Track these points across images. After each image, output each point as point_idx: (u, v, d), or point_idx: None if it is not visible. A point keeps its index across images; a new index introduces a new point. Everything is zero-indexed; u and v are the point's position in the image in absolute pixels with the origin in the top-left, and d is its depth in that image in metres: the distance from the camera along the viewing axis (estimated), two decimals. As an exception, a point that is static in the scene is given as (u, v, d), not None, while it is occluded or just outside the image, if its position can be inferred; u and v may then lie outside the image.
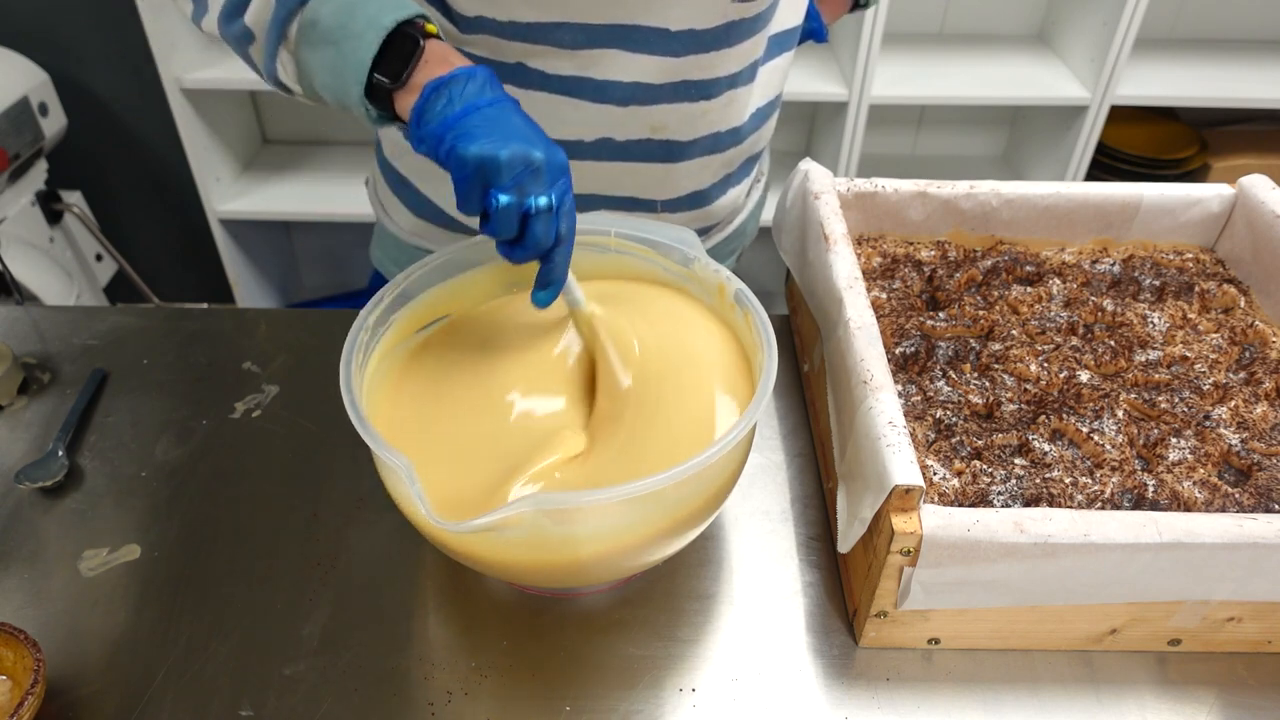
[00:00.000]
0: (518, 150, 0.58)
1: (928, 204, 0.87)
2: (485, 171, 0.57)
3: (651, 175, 0.82)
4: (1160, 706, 0.62)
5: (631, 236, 0.72)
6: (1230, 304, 0.81)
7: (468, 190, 0.59)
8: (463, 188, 0.59)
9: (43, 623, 0.66)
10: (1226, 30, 2.10)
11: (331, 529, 0.73)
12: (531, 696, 0.62)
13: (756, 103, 0.84)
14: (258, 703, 0.61)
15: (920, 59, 2.01)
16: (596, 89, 0.75)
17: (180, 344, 0.91)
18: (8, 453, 0.79)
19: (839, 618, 0.68)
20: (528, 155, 0.58)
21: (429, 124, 0.60)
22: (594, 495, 0.52)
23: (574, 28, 0.72)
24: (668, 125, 0.78)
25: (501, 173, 0.57)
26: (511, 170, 0.57)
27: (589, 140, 0.79)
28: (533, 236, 0.59)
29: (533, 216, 0.59)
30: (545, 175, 0.59)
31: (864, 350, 0.67)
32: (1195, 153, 2.03)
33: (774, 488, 0.77)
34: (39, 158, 1.91)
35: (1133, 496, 0.64)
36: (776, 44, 0.84)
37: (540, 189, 0.59)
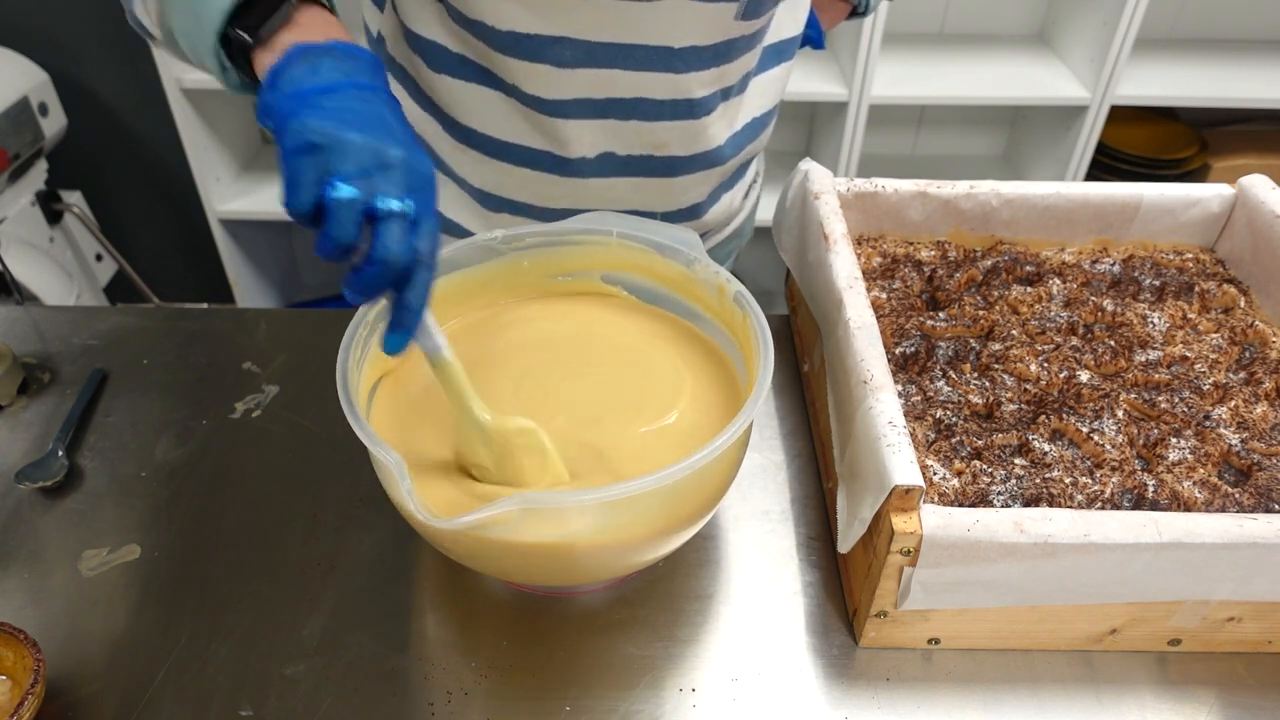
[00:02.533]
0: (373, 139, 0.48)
1: (928, 204, 0.87)
2: (325, 152, 0.47)
3: (652, 189, 0.82)
4: (1160, 706, 0.62)
5: (633, 237, 0.72)
6: (1230, 304, 0.81)
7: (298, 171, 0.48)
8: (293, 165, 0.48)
9: (43, 623, 0.66)
10: (1226, 30, 2.10)
11: (331, 529, 0.73)
12: (531, 696, 0.62)
13: (751, 113, 0.84)
14: (258, 703, 0.61)
15: (920, 59, 2.01)
16: (596, 107, 0.75)
17: (180, 344, 0.91)
18: (8, 453, 0.79)
19: (839, 618, 0.68)
20: (383, 148, 0.49)
21: (281, 90, 0.51)
22: (584, 495, 0.52)
23: (574, 44, 0.71)
24: (669, 141, 0.78)
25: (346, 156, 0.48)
26: (359, 158, 0.48)
27: (591, 158, 0.78)
28: (383, 247, 0.48)
29: (382, 220, 0.48)
30: (402, 176, 0.49)
31: (864, 350, 0.67)
32: (1195, 153, 2.03)
33: (774, 488, 0.77)
34: (39, 158, 1.92)
35: (1133, 496, 0.64)
36: (774, 54, 0.83)
37: (393, 189, 0.48)
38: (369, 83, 0.52)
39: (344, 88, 0.51)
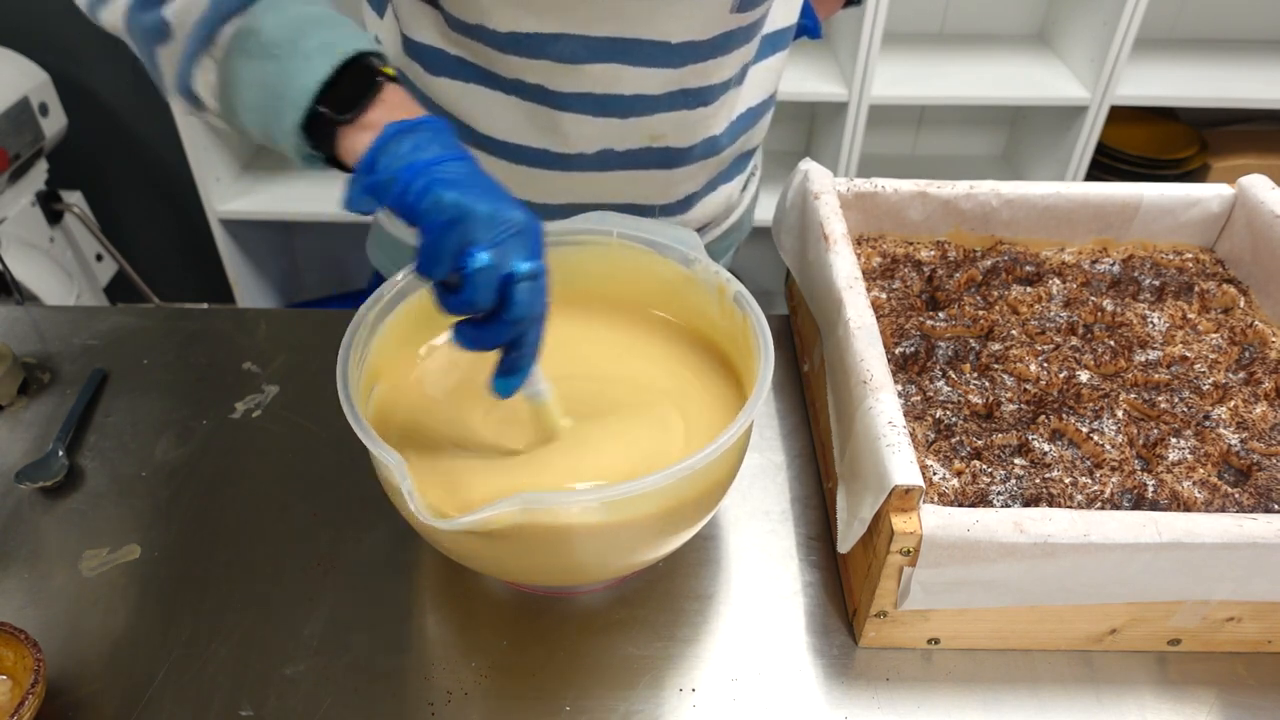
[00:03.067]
0: (502, 207, 0.51)
1: (928, 204, 0.87)
2: (464, 224, 0.50)
3: (651, 182, 0.82)
4: (1160, 706, 0.62)
5: (632, 237, 0.72)
6: (1230, 304, 0.81)
7: (439, 244, 0.51)
8: (434, 239, 0.51)
9: (43, 623, 0.66)
10: (1226, 30, 2.10)
11: (331, 529, 0.73)
12: (531, 696, 0.62)
13: (747, 102, 0.84)
14: (258, 703, 0.61)
15: (920, 59, 2.01)
16: (597, 103, 0.75)
17: (180, 344, 0.91)
18: (8, 453, 0.79)
19: (839, 618, 0.68)
20: (512, 215, 0.52)
21: (391, 167, 0.53)
22: (584, 495, 0.52)
23: (573, 40, 0.71)
24: (666, 134, 0.78)
25: (484, 228, 0.50)
26: (493, 228, 0.51)
27: (590, 153, 0.79)
28: (515, 308, 0.52)
29: (515, 283, 0.51)
30: (530, 240, 0.53)
31: (864, 350, 0.67)
32: (1195, 153, 2.03)
33: (774, 488, 0.77)
34: (39, 158, 1.92)
35: (1132, 496, 0.64)
36: (769, 44, 0.83)
37: (524, 254, 0.52)
38: (464, 153, 0.55)
39: (448, 160, 0.53)
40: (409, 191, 0.52)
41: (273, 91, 0.55)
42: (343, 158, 0.57)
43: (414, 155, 0.53)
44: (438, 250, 0.51)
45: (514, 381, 0.56)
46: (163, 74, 0.61)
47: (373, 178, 0.53)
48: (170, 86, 0.61)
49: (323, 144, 0.57)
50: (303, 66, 0.54)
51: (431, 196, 0.51)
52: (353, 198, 0.54)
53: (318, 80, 0.54)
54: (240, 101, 0.57)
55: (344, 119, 0.55)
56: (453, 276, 0.52)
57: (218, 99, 0.58)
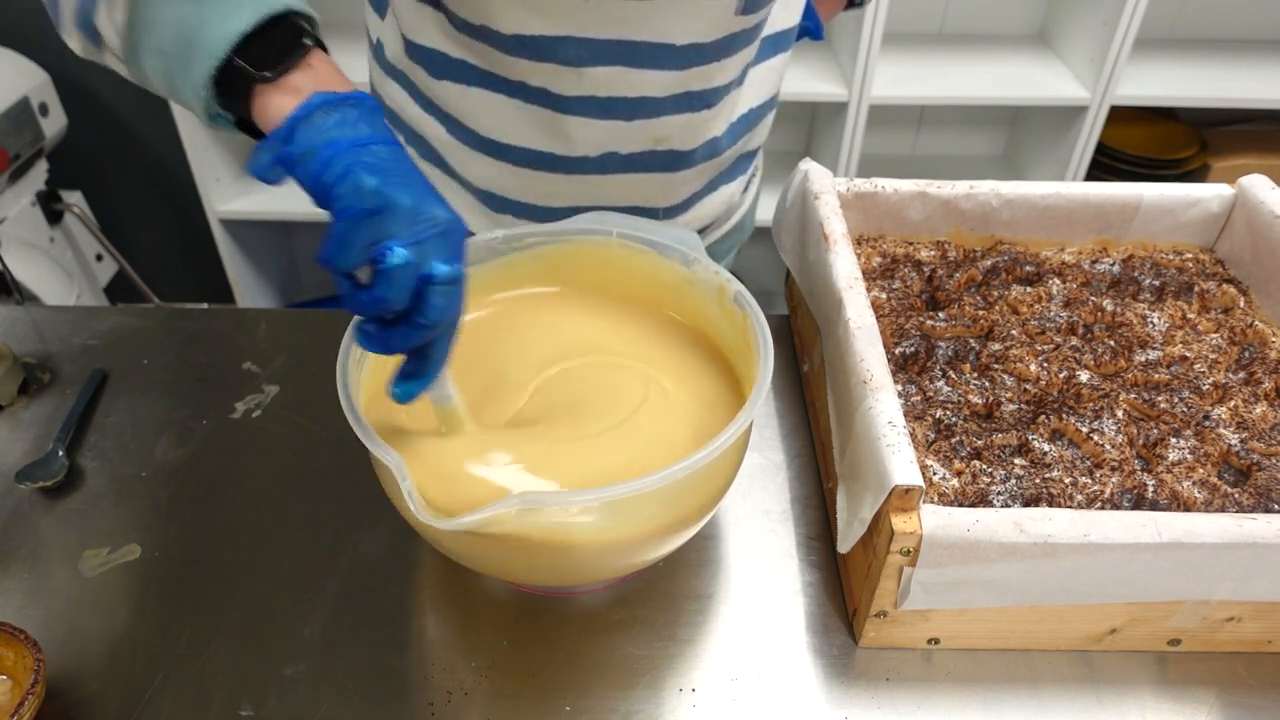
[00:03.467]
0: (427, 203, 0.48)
1: (928, 204, 0.87)
2: (384, 215, 0.47)
3: (654, 185, 0.82)
4: (1160, 706, 0.62)
5: (633, 237, 0.72)
6: (1230, 304, 0.81)
7: (352, 232, 0.47)
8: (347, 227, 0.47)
9: (43, 623, 0.66)
10: (1226, 30, 2.10)
11: (331, 529, 0.73)
12: (531, 696, 0.62)
13: (748, 103, 0.84)
14: (258, 703, 0.61)
15: (920, 59, 2.01)
16: (601, 106, 0.75)
17: (180, 344, 0.91)
18: (8, 453, 0.79)
19: (839, 618, 0.68)
20: (435, 212, 0.48)
21: (311, 140, 0.48)
22: (584, 495, 0.52)
23: (578, 42, 0.71)
24: (671, 136, 0.78)
25: (405, 222, 0.47)
26: (414, 223, 0.48)
27: (594, 156, 0.78)
28: (430, 311, 0.49)
29: (432, 285, 0.48)
30: (452, 241, 0.50)
31: (864, 350, 0.67)
32: (1195, 153, 2.03)
33: (774, 488, 0.77)
34: (39, 158, 1.92)
35: (1132, 496, 0.64)
36: (770, 45, 0.83)
37: (444, 255, 0.49)
38: (393, 139, 0.51)
39: (375, 143, 0.50)
40: (328, 170, 0.48)
41: (186, 36, 0.50)
42: (255, 119, 0.52)
43: (338, 132, 0.49)
44: (349, 239, 0.47)
45: (415, 388, 0.53)
46: (61, 6, 0.56)
47: (288, 148, 0.49)
48: (69, 20, 0.55)
49: (233, 103, 0.52)
50: (225, 13, 0.50)
51: (351, 180, 0.47)
52: (260, 165, 0.50)
53: (239, 30, 0.50)
54: (146, 43, 0.52)
55: (263, 76, 0.51)
56: (363, 271, 0.49)
57: (121, 37, 0.53)
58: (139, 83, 0.57)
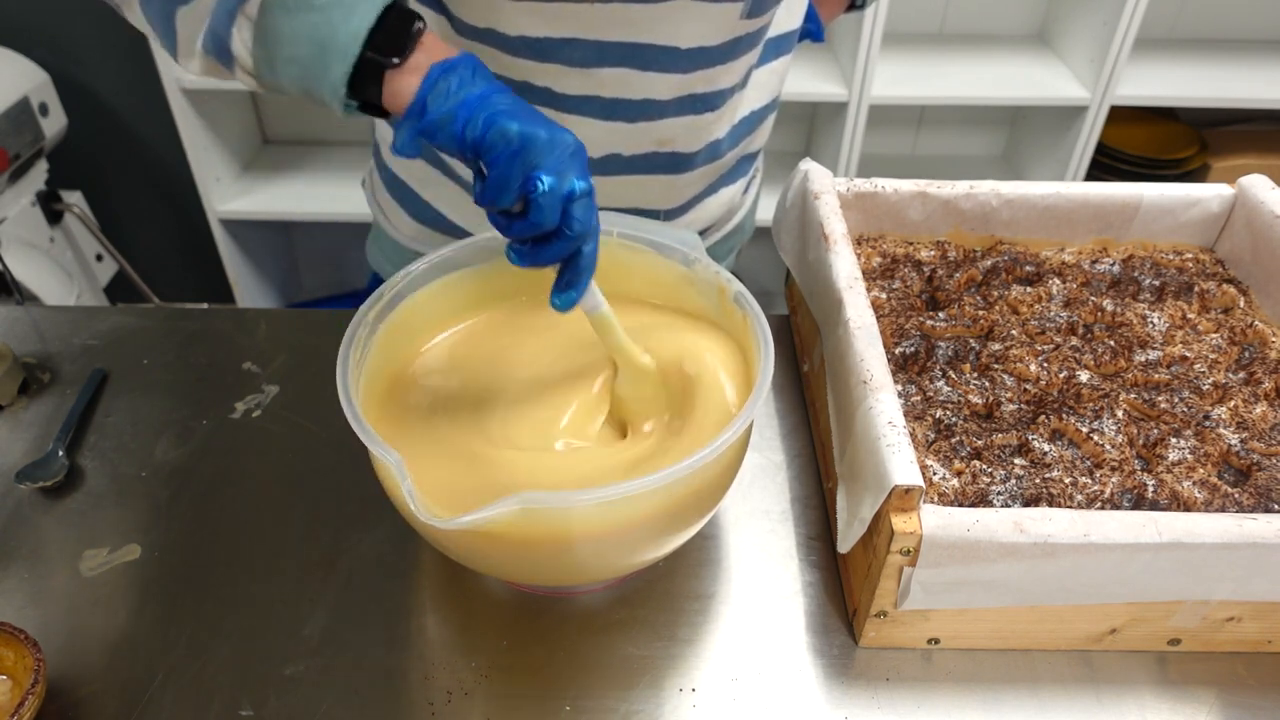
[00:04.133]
0: (556, 132, 0.54)
1: (928, 204, 0.87)
2: (529, 151, 0.53)
3: (657, 187, 0.82)
4: (1160, 706, 0.62)
5: (633, 237, 0.72)
6: (1230, 304, 0.81)
7: (508, 173, 0.53)
8: (502, 169, 0.53)
9: (43, 623, 0.66)
10: (1226, 30, 2.10)
11: (331, 529, 0.73)
12: (531, 696, 0.62)
13: (750, 106, 0.84)
14: (258, 703, 0.61)
15: (920, 59, 2.01)
16: (605, 107, 0.75)
17: (180, 344, 0.91)
18: (8, 453, 0.79)
19: (839, 618, 0.68)
20: (566, 137, 0.54)
21: (444, 105, 0.54)
22: (584, 495, 0.52)
23: (584, 44, 0.71)
24: (674, 139, 0.78)
25: (546, 153, 0.53)
26: (554, 151, 0.53)
27: (596, 157, 0.78)
28: (575, 223, 0.55)
29: (574, 201, 0.55)
30: (581, 159, 0.56)
31: (864, 350, 0.67)
32: (1195, 153, 2.03)
33: (774, 488, 0.77)
34: (39, 158, 1.92)
35: (1132, 496, 0.64)
36: (773, 47, 0.83)
37: (578, 172, 0.55)
38: (504, 85, 0.56)
39: (495, 93, 0.55)
40: (469, 128, 0.54)
41: (318, 42, 0.54)
42: (388, 103, 0.57)
43: (464, 92, 0.54)
44: (506, 179, 0.53)
45: (573, 295, 0.58)
46: (179, 36, 0.59)
47: (426, 119, 0.55)
48: (191, 46, 0.59)
49: (365, 92, 0.57)
50: (346, 14, 0.54)
51: (496, 129, 0.53)
52: (404, 142, 0.56)
53: (366, 26, 0.54)
54: (279, 55, 0.56)
55: (392, 63, 0.55)
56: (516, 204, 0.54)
57: (252, 55, 0.57)
58: (267, 91, 0.61)
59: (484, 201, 0.55)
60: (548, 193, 0.53)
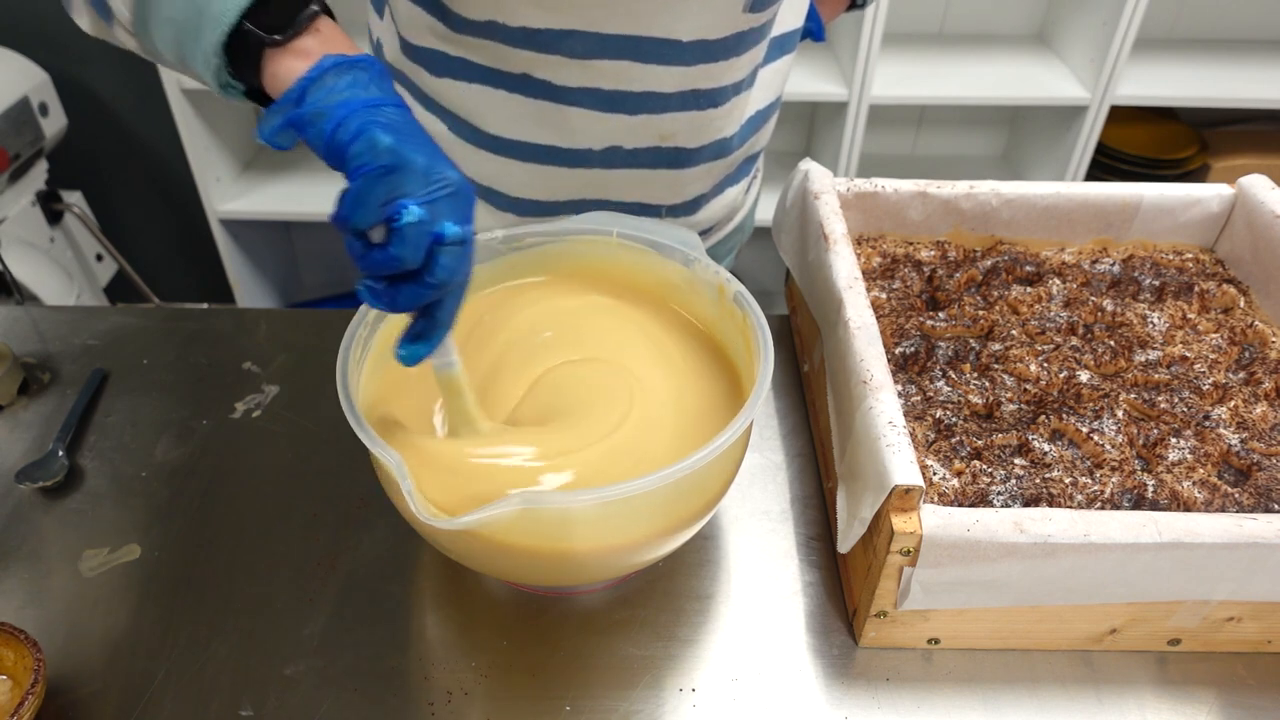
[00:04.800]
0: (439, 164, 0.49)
1: (928, 204, 0.87)
2: (399, 174, 0.48)
3: (659, 181, 0.82)
4: (1160, 706, 0.62)
5: (633, 237, 0.72)
6: (1230, 304, 0.81)
7: (369, 190, 0.48)
8: (364, 185, 0.48)
9: (43, 623, 0.66)
10: (1226, 30, 2.10)
11: (331, 529, 0.73)
12: (531, 696, 0.62)
13: (756, 105, 0.84)
14: (258, 703, 0.61)
15: (920, 59, 2.01)
16: (606, 99, 0.75)
17: (180, 344, 0.91)
18: (8, 453, 0.79)
19: (839, 618, 0.68)
20: (447, 173, 0.49)
21: (323, 101, 0.49)
22: (584, 495, 0.52)
23: (585, 36, 0.71)
24: (676, 133, 0.78)
25: (419, 181, 0.48)
26: (428, 183, 0.48)
27: (598, 149, 0.78)
28: (439, 271, 0.49)
29: (444, 245, 0.49)
30: (463, 202, 0.50)
31: (864, 350, 0.67)
32: (1195, 153, 2.03)
33: (774, 488, 0.77)
34: (39, 158, 1.92)
35: (1132, 496, 0.64)
36: (777, 46, 0.84)
37: (455, 215, 0.50)
38: (402, 101, 0.52)
39: (387, 105, 0.50)
40: (341, 129, 0.49)
41: (195, 4, 0.51)
42: (266, 85, 0.53)
43: (350, 93, 0.50)
44: (366, 196, 0.48)
45: (422, 350, 0.54)
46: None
47: (300, 110, 0.50)
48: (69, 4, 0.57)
49: (243, 71, 0.53)
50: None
51: (366, 139, 0.48)
52: (271, 129, 0.51)
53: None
54: (157, 14, 0.53)
55: (273, 40, 0.52)
56: (376, 230, 0.49)
57: (130, 10, 0.54)
58: (149, 56, 0.58)
59: (338, 217, 0.49)
60: (414, 224, 0.48)
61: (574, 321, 0.72)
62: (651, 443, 0.63)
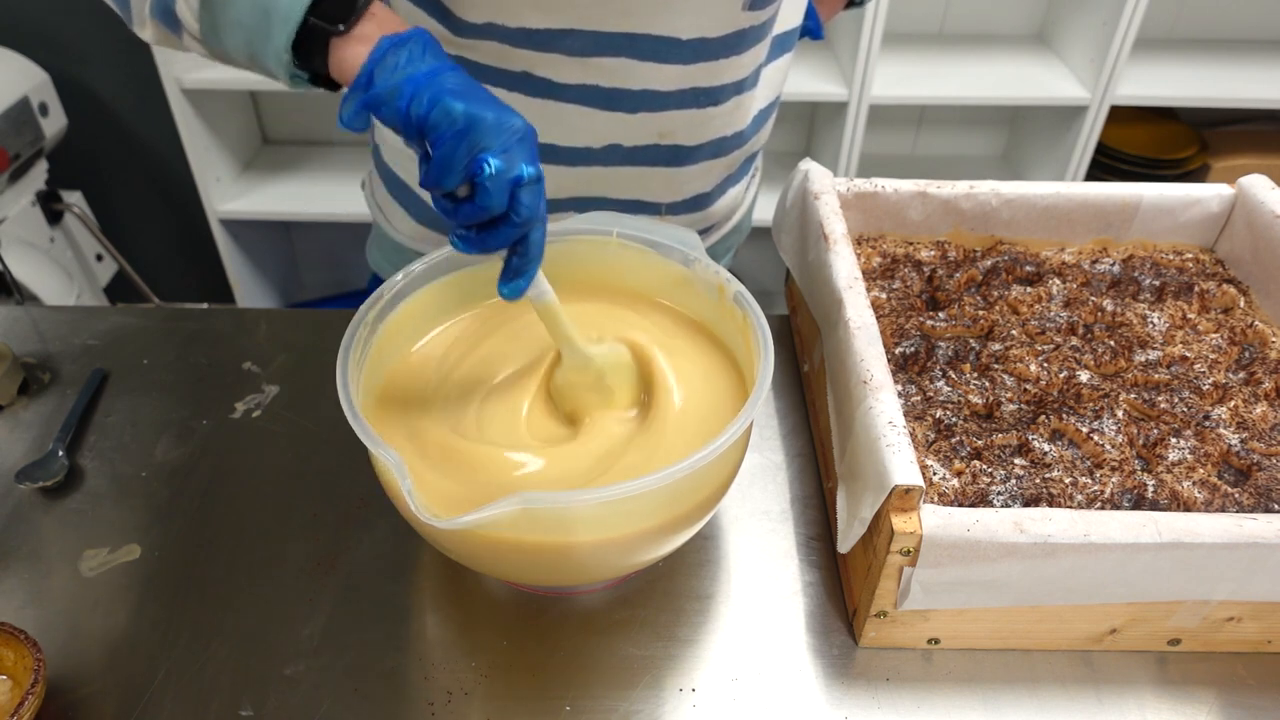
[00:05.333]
0: (505, 114, 0.53)
1: (928, 204, 0.87)
2: (475, 133, 0.52)
3: (658, 179, 0.82)
4: (1160, 706, 0.62)
5: (633, 237, 0.72)
6: (1230, 304, 0.81)
7: (451, 155, 0.52)
8: (446, 151, 0.52)
9: (43, 623, 0.66)
10: (1226, 30, 2.10)
11: (331, 529, 0.73)
12: (531, 696, 0.62)
13: (759, 105, 0.84)
14: (258, 703, 0.61)
15: (920, 59, 2.01)
16: (605, 97, 0.75)
17: (180, 344, 0.91)
18: (8, 453, 0.79)
19: (839, 618, 0.68)
20: (514, 121, 0.53)
21: (390, 79, 0.53)
22: (584, 495, 0.52)
23: (583, 35, 0.71)
24: (675, 131, 0.78)
25: (493, 135, 0.52)
26: (500, 134, 0.52)
27: (597, 147, 0.78)
28: (523, 209, 0.53)
29: (522, 186, 0.53)
30: (531, 144, 0.54)
31: (864, 350, 0.67)
32: (1195, 153, 2.03)
33: (774, 488, 0.77)
34: (39, 158, 1.92)
35: (1132, 496, 0.64)
36: (778, 45, 0.84)
37: (527, 158, 0.54)
38: (455, 64, 0.55)
39: (445, 71, 0.54)
40: (414, 104, 0.53)
41: (260, 7, 0.55)
42: (334, 73, 0.57)
43: (412, 67, 0.53)
44: (451, 160, 0.52)
45: (522, 284, 0.58)
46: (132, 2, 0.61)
47: (371, 92, 0.54)
48: (144, 13, 0.60)
49: (310, 60, 0.57)
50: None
51: (441, 108, 0.52)
52: (350, 115, 0.55)
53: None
54: (225, 19, 0.56)
55: (337, 30, 0.55)
56: (461, 187, 0.53)
57: (198, 20, 0.58)
58: (217, 59, 0.61)
59: (428, 183, 0.54)
60: (494, 176, 0.52)
61: (579, 306, 0.72)
62: (652, 443, 0.63)
